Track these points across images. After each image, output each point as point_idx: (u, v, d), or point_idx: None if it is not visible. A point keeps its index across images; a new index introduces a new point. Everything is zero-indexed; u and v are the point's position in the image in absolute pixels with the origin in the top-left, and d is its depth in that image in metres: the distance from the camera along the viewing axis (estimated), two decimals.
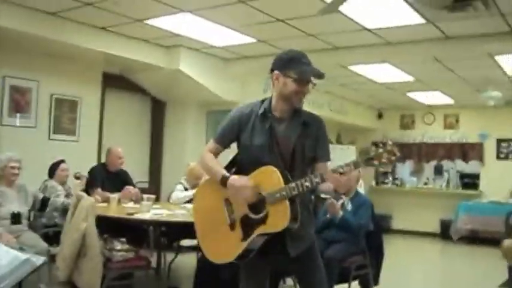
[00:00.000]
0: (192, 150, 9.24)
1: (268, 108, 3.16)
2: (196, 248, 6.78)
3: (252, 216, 2.99)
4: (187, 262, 6.93)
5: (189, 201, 6.64)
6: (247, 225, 3.01)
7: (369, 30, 6.84)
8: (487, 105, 10.35)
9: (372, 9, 6.11)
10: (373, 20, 6.48)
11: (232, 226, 3.05)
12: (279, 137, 3.11)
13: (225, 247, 3.07)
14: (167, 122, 9.67)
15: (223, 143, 3.24)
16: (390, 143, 2.96)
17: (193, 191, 6.86)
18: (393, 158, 2.93)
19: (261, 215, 2.96)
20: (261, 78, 9.56)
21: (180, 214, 5.43)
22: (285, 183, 2.94)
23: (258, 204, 2.98)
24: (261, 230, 2.97)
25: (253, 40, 7.56)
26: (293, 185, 2.93)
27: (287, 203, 2.93)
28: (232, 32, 7.15)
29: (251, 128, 3.13)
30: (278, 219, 2.93)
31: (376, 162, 2.93)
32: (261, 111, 3.15)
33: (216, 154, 3.24)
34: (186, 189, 6.92)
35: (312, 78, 3.10)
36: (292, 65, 3.08)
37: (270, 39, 7.52)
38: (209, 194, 3.19)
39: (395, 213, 13.25)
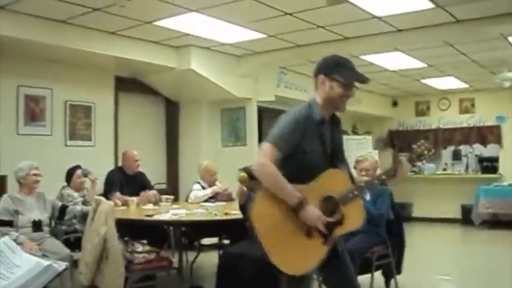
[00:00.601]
0: (208, 149, 9.29)
1: (322, 114, 3.13)
2: (217, 246, 6.83)
3: (329, 220, 3.02)
4: (208, 261, 6.96)
5: (207, 200, 6.67)
6: (326, 229, 3.03)
7: (379, 18, 6.79)
8: (503, 87, 10.25)
9: None
10: (382, 7, 6.43)
11: (308, 234, 3.00)
12: (326, 140, 3.16)
13: (306, 256, 3.00)
14: (181, 122, 9.68)
15: (285, 150, 3.00)
16: (423, 141, 3.36)
17: (212, 188, 6.90)
18: (431, 153, 3.32)
19: (338, 217, 3.04)
20: (274, 73, 9.62)
21: (199, 213, 5.44)
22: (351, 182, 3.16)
23: (332, 208, 3.05)
24: (341, 230, 3.07)
25: (263, 35, 7.54)
26: (362, 184, 3.21)
27: (361, 201, 3.15)
28: (241, 28, 7.15)
29: (311, 134, 3.07)
30: (354, 218, 3.10)
31: (422, 158, 3.33)
32: (317, 117, 3.10)
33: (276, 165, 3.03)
34: (203, 187, 6.94)
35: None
36: (339, 69, 3.11)
37: (280, 33, 7.51)
38: (272, 204, 2.98)
39: (415, 200, 13.17)
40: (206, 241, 7.28)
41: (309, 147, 3.05)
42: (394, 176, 3.21)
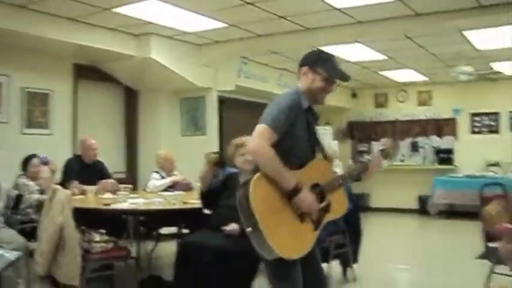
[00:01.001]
0: (167, 138, 9.25)
1: (307, 103, 3.18)
2: (176, 235, 6.81)
3: (320, 206, 3.08)
4: (167, 250, 6.93)
5: (166, 189, 6.64)
6: (315, 216, 3.08)
7: (339, 9, 6.83)
8: (459, 80, 10.44)
9: None
10: None
11: (301, 218, 3.02)
12: (311, 129, 3.24)
13: (300, 240, 3.04)
14: (141, 110, 9.60)
15: (280, 132, 2.97)
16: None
17: (170, 178, 6.87)
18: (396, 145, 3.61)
19: (325, 203, 3.11)
20: (235, 62, 9.59)
21: (157, 202, 5.42)
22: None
23: (319, 195, 3.10)
24: (328, 217, 3.16)
25: (224, 25, 7.52)
26: (346, 174, 3.29)
27: (343, 190, 3.27)
28: (202, 17, 7.10)
29: (299, 120, 3.10)
30: (339, 206, 3.24)
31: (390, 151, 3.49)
32: (305, 105, 3.15)
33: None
34: (162, 177, 6.90)
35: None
36: (323, 63, 3.19)
37: (241, 22, 7.49)
38: (268, 188, 2.93)
39: (373, 191, 13.35)
40: (165, 230, 7.24)
41: (298, 133, 3.10)
42: (366, 169, 3.33)
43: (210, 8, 6.75)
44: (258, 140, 2.92)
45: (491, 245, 4.57)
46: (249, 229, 2.88)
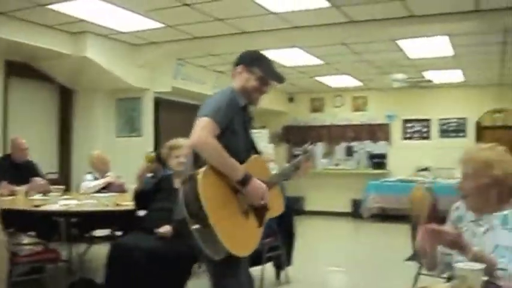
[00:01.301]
0: (102, 139, 9.10)
1: (243, 101, 3.17)
2: (109, 238, 6.70)
3: (257, 203, 3.04)
4: (100, 252, 6.81)
5: (99, 191, 6.53)
6: (258, 212, 3.07)
7: (276, 14, 6.89)
8: (392, 87, 10.70)
9: None
10: (279, 3, 6.53)
11: (246, 214, 2.99)
12: (247, 127, 3.24)
13: (248, 237, 3.02)
14: (76, 110, 9.40)
15: (221, 126, 2.92)
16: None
17: (104, 179, 6.76)
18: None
19: (264, 201, 3.06)
20: (171, 63, 9.53)
21: (90, 203, 5.32)
22: None
23: None
24: (269, 214, 3.17)
25: (161, 25, 7.46)
26: (281, 172, 3.42)
27: (279, 189, 3.32)
28: (139, 16, 7.02)
29: (237, 117, 3.07)
30: (278, 204, 3.29)
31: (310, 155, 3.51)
32: (241, 102, 3.13)
33: None
34: (95, 178, 6.79)
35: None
36: (259, 63, 3.20)
37: (178, 24, 7.45)
38: (215, 183, 2.86)
39: (308, 194, 13.51)
40: (98, 233, 7.13)
41: (237, 128, 3.07)
42: (297, 169, 3.41)
43: (146, 7, 6.69)
44: (201, 132, 2.85)
45: None
46: (196, 226, 2.76)
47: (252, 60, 3.21)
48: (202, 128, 2.85)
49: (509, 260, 2.36)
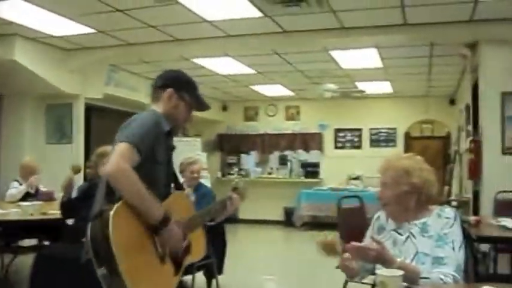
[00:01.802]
0: (31, 145, 8.84)
1: (169, 126, 2.85)
2: (36, 248, 6.51)
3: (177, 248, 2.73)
4: (27, 264, 6.62)
5: (24, 199, 6.34)
6: (176, 257, 2.73)
7: (209, 22, 6.88)
8: (324, 97, 10.86)
9: (211, 1, 6.15)
10: (212, 12, 6.53)
11: (162, 259, 2.61)
12: (171, 156, 2.95)
13: (161, 286, 2.66)
14: (3, 115, 9.09)
15: (142, 154, 2.55)
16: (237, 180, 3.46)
17: (25, 185, 6.55)
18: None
19: (185, 243, 2.76)
20: (103, 69, 9.38)
21: (14, 212, 5.16)
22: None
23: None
24: (189, 260, 2.85)
25: (93, 30, 7.31)
26: (205, 211, 3.07)
27: (202, 229, 3.01)
28: (70, 21, 6.86)
29: (160, 144, 2.74)
30: (200, 246, 2.97)
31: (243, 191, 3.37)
32: (166, 127, 2.79)
33: None
34: (21, 185, 6.59)
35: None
36: (190, 88, 2.94)
37: (111, 30, 7.34)
38: (130, 220, 2.47)
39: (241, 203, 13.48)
40: (25, 243, 6.92)
41: (159, 159, 2.74)
42: (224, 209, 3.21)
43: (77, 12, 6.54)
44: (118, 161, 2.45)
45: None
46: (102, 271, 2.36)
47: (184, 85, 2.92)
48: (120, 156, 2.47)
49: (429, 266, 2.43)
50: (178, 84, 2.90)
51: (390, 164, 2.71)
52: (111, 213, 2.37)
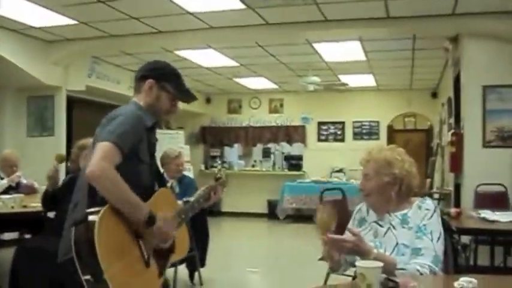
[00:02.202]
0: (12, 138, 8.76)
1: (152, 120, 2.76)
2: (18, 241, 6.46)
3: (163, 245, 2.62)
4: (8, 257, 6.57)
5: (5, 192, 6.26)
6: (161, 258, 2.65)
7: (192, 13, 6.84)
8: (307, 89, 10.87)
9: None
10: (194, 3, 6.49)
11: (147, 263, 2.54)
12: (153, 152, 2.84)
13: None
14: None
15: (124, 153, 2.47)
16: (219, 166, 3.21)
17: (8, 179, 6.48)
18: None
19: (169, 242, 2.65)
20: (85, 61, 9.31)
21: None
22: None
23: None
24: (172, 259, 2.76)
25: (74, 22, 7.24)
26: (188, 207, 2.91)
27: (185, 227, 2.90)
28: (51, 12, 6.78)
29: (142, 141, 2.64)
30: (182, 245, 2.87)
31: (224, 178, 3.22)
32: (148, 122, 2.69)
33: None
34: (1, 178, 6.52)
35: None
36: (174, 79, 2.81)
37: (92, 21, 7.27)
38: (116, 225, 2.41)
39: (224, 196, 13.36)
40: (6, 236, 6.86)
41: (142, 156, 2.65)
42: (208, 200, 3.07)
43: (59, 3, 6.45)
44: (100, 163, 2.36)
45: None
46: (87, 277, 2.31)
47: (166, 75, 2.80)
48: (102, 157, 2.38)
49: (408, 258, 2.45)
50: (159, 75, 2.79)
51: (372, 155, 2.73)
52: (97, 219, 2.30)
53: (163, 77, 2.78)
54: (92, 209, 2.37)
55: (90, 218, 2.32)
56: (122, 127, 2.50)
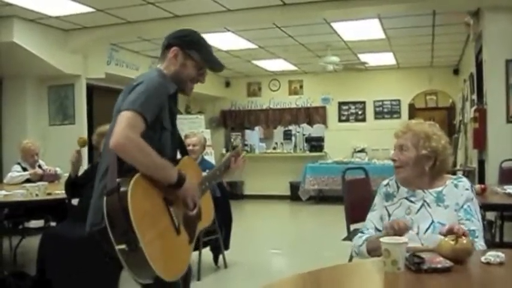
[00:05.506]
0: (34, 127, 8.84)
1: (175, 88, 2.69)
2: (44, 229, 6.53)
3: (191, 213, 2.60)
4: (35, 245, 6.65)
5: (28, 181, 6.32)
6: (189, 225, 2.62)
7: None
8: (327, 70, 10.79)
9: None
10: None
11: (178, 230, 2.51)
12: (175, 120, 2.80)
13: (180, 257, 2.56)
14: (5, 98, 9.09)
15: (149, 120, 2.42)
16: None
17: (29, 172, 6.53)
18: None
19: (196, 210, 2.62)
20: (104, 49, 9.33)
21: (19, 194, 5.15)
22: None
23: None
24: (200, 226, 2.74)
25: (92, 9, 7.26)
26: (211, 174, 2.93)
27: (209, 194, 2.90)
28: (67, 0, 6.80)
29: (165, 108, 2.59)
30: (209, 211, 2.86)
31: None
32: (171, 90, 2.63)
33: None
34: (23, 168, 6.57)
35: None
36: (199, 47, 2.74)
37: (109, 8, 7.29)
38: (148, 193, 2.39)
39: (246, 179, 13.49)
40: (32, 224, 6.94)
41: (165, 124, 2.61)
42: (228, 168, 3.01)
43: None
44: (124, 131, 2.31)
45: (353, 227, 4.82)
46: (121, 246, 2.28)
47: (191, 43, 2.73)
48: (127, 126, 2.33)
49: None
50: (185, 42, 2.72)
51: (410, 126, 2.70)
52: (129, 188, 2.27)
53: (189, 44, 2.72)
54: (123, 178, 2.34)
55: (122, 187, 2.29)
56: (144, 95, 2.44)
